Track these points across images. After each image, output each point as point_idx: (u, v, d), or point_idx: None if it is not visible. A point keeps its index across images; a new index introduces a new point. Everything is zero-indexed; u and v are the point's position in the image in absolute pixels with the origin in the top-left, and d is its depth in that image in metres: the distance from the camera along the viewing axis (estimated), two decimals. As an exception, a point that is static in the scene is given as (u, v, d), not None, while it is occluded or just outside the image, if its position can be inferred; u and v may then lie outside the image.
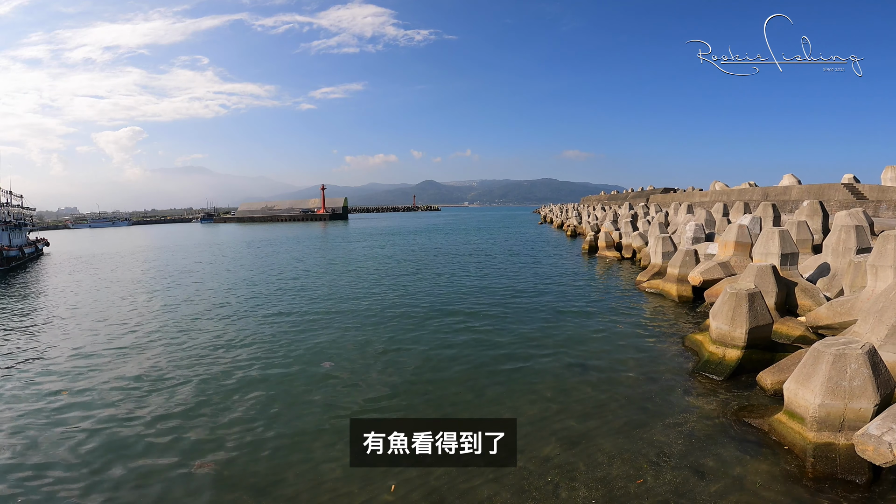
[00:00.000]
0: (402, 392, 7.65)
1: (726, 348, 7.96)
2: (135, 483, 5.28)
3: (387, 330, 11.53)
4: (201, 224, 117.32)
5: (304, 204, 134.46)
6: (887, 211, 21.25)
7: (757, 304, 7.82)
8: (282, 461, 5.67)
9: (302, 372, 8.74)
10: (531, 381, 7.97)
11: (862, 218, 12.86)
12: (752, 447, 5.64)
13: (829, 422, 5.10)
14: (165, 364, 9.36)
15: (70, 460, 5.79)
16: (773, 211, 16.67)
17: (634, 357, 9.10)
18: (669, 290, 14.27)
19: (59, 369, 9.23)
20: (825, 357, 5.16)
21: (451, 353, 9.56)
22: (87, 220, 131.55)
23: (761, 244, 11.29)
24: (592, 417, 6.60)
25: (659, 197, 50.69)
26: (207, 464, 5.61)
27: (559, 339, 10.36)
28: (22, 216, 41.37)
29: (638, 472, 5.24)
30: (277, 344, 10.54)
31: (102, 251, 41.18)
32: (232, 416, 6.90)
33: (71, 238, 68.61)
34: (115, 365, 9.43)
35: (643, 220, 27.07)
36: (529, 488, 4.99)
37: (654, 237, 17.45)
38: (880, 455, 4.37)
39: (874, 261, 7.90)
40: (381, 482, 5.14)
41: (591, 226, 33.96)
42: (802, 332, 9.03)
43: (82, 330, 12.45)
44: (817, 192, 25.47)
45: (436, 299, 15.07)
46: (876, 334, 6.23)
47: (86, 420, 6.90)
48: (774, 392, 6.90)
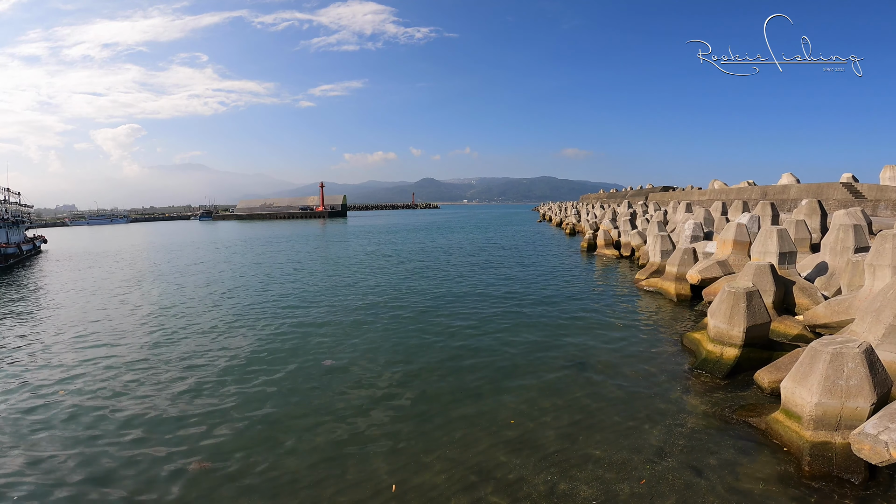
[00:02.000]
0: (402, 391, 7.65)
1: (724, 347, 7.97)
2: (132, 482, 5.27)
3: (387, 328, 11.52)
4: (200, 221, 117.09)
5: (303, 201, 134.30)
6: (886, 210, 21.27)
7: (755, 302, 7.83)
8: (281, 460, 5.66)
9: (302, 369, 8.73)
10: (530, 380, 7.97)
11: (860, 217, 12.87)
12: (750, 446, 5.65)
13: (825, 420, 5.11)
14: (163, 362, 9.35)
15: (68, 458, 5.78)
16: (771, 210, 16.67)
17: (632, 355, 9.11)
18: (668, 288, 14.28)
19: (58, 367, 9.20)
20: (822, 356, 5.17)
21: (449, 352, 9.56)
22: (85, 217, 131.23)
23: (760, 243, 11.30)
24: (590, 415, 6.61)
25: (658, 195, 50.71)
26: (204, 463, 5.61)
27: (557, 337, 10.37)
28: (20, 213, 41.24)
29: (636, 470, 5.24)
30: (277, 342, 10.53)
31: (101, 249, 41.08)
32: (230, 415, 6.89)
33: (69, 235, 68.44)
34: (113, 363, 9.41)
35: (642, 219, 27.08)
36: (528, 487, 4.99)
37: (653, 235, 17.46)
38: (876, 454, 4.38)
39: (872, 260, 7.91)
40: (383, 482, 5.14)
41: (590, 224, 33.97)
42: (800, 331, 9.04)
43: (80, 327, 12.42)
44: (816, 191, 25.48)
45: (434, 297, 15.07)
46: (873, 333, 6.24)
47: (84, 418, 6.89)
48: (772, 391, 6.90)
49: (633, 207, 38.51)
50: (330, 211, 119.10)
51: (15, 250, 31.44)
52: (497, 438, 6.02)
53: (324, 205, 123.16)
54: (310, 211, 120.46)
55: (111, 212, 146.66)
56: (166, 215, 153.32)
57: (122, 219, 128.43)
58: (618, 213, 35.26)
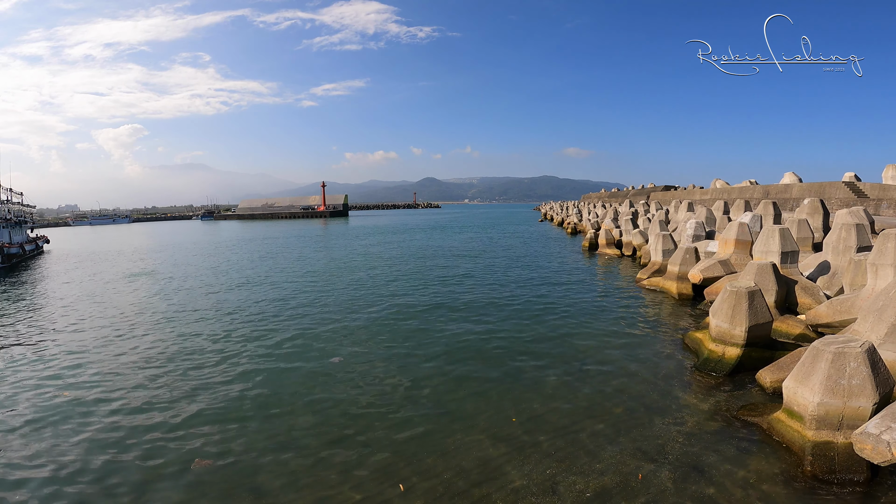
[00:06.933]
0: (408, 389, 7.66)
1: (726, 346, 7.96)
2: (133, 481, 5.29)
3: (392, 327, 11.55)
4: (202, 221, 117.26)
5: (305, 201, 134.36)
6: (888, 209, 21.21)
7: (757, 302, 7.82)
8: (288, 458, 5.67)
9: (311, 367, 8.78)
10: (531, 378, 7.98)
11: (863, 216, 12.84)
12: (751, 445, 5.65)
13: (827, 420, 5.10)
14: (167, 361, 9.37)
15: (70, 457, 5.81)
16: (773, 209, 16.64)
17: (634, 354, 9.10)
18: (669, 287, 14.27)
19: (60, 367, 9.24)
20: (824, 355, 5.16)
21: (451, 351, 9.57)
22: (87, 217, 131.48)
23: (762, 242, 11.28)
24: (592, 414, 6.61)
25: (659, 194, 50.62)
26: (206, 461, 5.62)
27: (559, 337, 10.37)
28: (22, 213, 41.39)
29: (637, 468, 5.24)
30: (285, 339, 10.56)
31: (104, 249, 41.18)
32: (237, 413, 6.91)
33: (71, 236, 68.64)
34: (117, 362, 9.44)
35: (643, 218, 27.04)
36: (529, 483, 5.00)
37: (655, 235, 17.43)
38: (879, 454, 4.37)
39: (874, 259, 7.89)
40: (390, 481, 5.16)
41: (592, 223, 33.93)
42: (802, 331, 9.02)
43: (83, 327, 12.47)
44: (818, 190, 25.41)
45: (437, 296, 15.08)
46: (875, 333, 6.22)
47: (86, 417, 6.92)
48: (773, 390, 6.90)
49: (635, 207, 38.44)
50: (331, 210, 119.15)
51: (18, 250, 31.56)
52: (499, 436, 6.03)
53: (325, 204, 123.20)
54: (311, 210, 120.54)
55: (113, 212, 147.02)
56: (168, 215, 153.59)
57: (124, 219, 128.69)
58: (619, 213, 35.20)
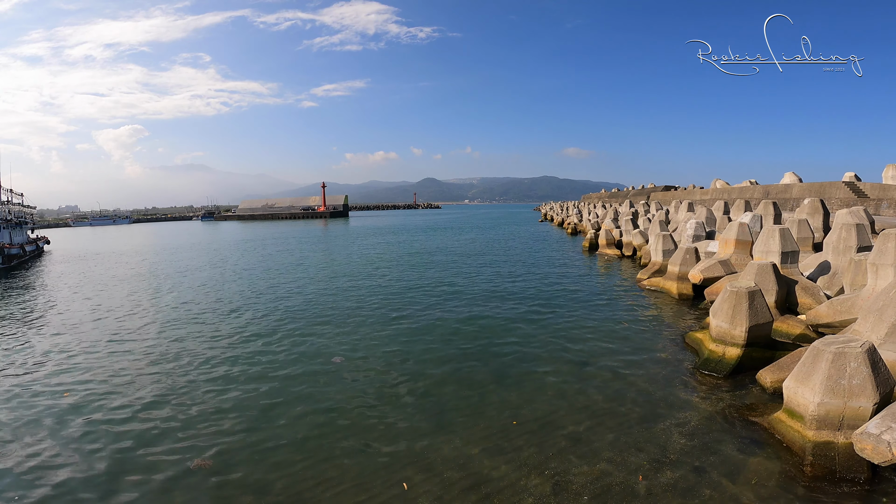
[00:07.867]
0: (409, 389, 7.66)
1: (726, 346, 7.96)
2: (133, 481, 5.30)
3: (393, 327, 11.55)
4: (202, 222, 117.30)
5: (305, 202, 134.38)
6: (888, 209, 21.20)
7: (757, 302, 7.82)
8: (289, 458, 5.68)
9: (312, 367, 8.79)
10: (532, 379, 7.98)
11: (863, 216, 12.84)
12: (752, 445, 5.65)
13: (828, 420, 5.10)
14: (168, 361, 9.38)
15: (71, 458, 5.81)
16: (773, 209, 16.63)
17: (634, 354, 9.10)
18: (670, 287, 14.27)
19: (62, 368, 9.24)
20: (825, 355, 5.16)
21: (453, 351, 9.57)
22: (87, 218, 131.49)
23: (762, 242, 11.28)
24: (592, 414, 6.61)
25: (660, 195, 50.61)
26: (206, 461, 5.63)
27: (559, 337, 10.36)
28: (23, 214, 41.40)
29: (638, 468, 5.24)
30: (286, 339, 10.57)
31: (105, 249, 41.20)
32: (238, 413, 6.91)
33: (72, 236, 68.65)
34: (117, 363, 9.44)
35: (644, 218, 27.04)
36: (529, 484, 5.01)
37: (655, 235, 17.43)
38: (879, 454, 4.38)
39: (875, 259, 7.89)
40: (393, 480, 5.16)
41: (592, 223, 33.92)
42: (802, 331, 9.02)
43: (84, 328, 12.47)
44: (818, 190, 25.41)
45: (438, 297, 15.07)
46: (876, 333, 6.22)
47: (88, 417, 6.92)
48: (774, 390, 6.90)
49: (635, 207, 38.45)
50: (332, 211, 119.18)
51: (18, 251, 31.58)
52: (500, 436, 6.04)
53: (325, 205, 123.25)
54: (311, 211, 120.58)
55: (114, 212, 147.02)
56: (168, 216, 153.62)
57: (124, 219, 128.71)
58: (620, 213, 35.20)
